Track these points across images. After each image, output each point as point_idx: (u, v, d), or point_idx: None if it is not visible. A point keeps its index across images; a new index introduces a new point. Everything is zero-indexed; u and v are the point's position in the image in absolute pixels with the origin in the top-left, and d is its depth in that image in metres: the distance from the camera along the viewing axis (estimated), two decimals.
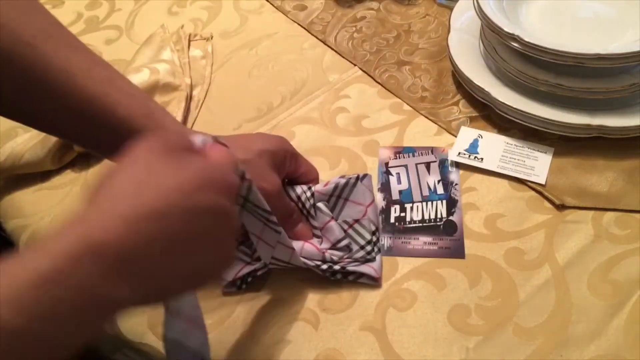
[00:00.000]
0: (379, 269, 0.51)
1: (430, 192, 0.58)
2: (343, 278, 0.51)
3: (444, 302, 0.50)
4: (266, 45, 0.76)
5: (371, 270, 0.51)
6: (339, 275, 0.51)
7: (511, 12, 0.62)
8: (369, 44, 0.74)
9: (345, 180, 0.53)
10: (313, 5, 0.81)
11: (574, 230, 0.53)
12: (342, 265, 0.51)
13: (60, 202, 0.62)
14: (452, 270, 0.52)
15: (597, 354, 0.46)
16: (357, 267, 0.51)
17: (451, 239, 0.54)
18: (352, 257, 0.52)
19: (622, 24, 0.61)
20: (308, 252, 0.51)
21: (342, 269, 0.51)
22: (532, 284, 0.50)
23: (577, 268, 0.51)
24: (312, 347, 0.48)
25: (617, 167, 0.57)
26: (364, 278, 0.51)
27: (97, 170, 0.65)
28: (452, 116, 0.64)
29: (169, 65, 0.70)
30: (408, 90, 0.67)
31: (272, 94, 0.70)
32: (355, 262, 0.52)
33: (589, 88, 0.57)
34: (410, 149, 0.61)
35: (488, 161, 0.59)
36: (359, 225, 0.52)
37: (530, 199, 0.56)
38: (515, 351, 0.46)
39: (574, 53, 0.54)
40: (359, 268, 0.51)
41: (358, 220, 0.52)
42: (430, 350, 0.47)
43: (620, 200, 0.55)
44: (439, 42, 0.73)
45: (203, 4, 0.84)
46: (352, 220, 0.52)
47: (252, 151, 0.48)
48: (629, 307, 0.48)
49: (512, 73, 0.60)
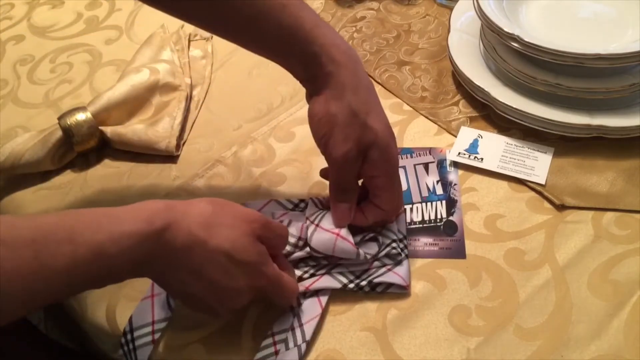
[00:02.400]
0: (406, 277, 0.50)
1: (430, 193, 0.58)
2: (371, 291, 0.50)
3: (445, 302, 0.50)
4: None
5: (399, 279, 0.50)
6: (367, 288, 0.50)
7: (511, 12, 0.63)
8: (369, 44, 0.74)
9: None
10: (313, 5, 0.81)
11: (574, 230, 0.53)
12: (369, 279, 0.50)
13: (60, 202, 0.62)
14: (452, 271, 0.52)
15: (598, 354, 0.46)
16: (384, 277, 0.50)
17: (452, 240, 0.54)
18: (381, 255, 0.51)
19: (622, 24, 0.61)
20: (342, 250, 0.49)
21: (369, 283, 0.50)
22: (532, 285, 0.50)
23: (577, 268, 0.51)
24: (313, 347, 0.48)
25: (617, 167, 0.57)
26: (393, 288, 0.50)
27: (97, 170, 0.65)
28: (452, 116, 0.64)
29: (169, 65, 0.70)
30: (408, 90, 0.67)
31: (272, 94, 0.70)
32: (382, 268, 0.50)
33: (589, 88, 0.57)
34: (408, 150, 0.61)
35: (488, 161, 0.59)
36: (385, 230, 0.52)
37: (530, 199, 0.56)
38: (515, 351, 0.46)
39: (574, 53, 0.54)
40: (386, 278, 0.50)
41: (384, 226, 0.52)
42: (431, 351, 0.47)
43: (620, 200, 0.55)
44: (439, 42, 0.73)
45: None
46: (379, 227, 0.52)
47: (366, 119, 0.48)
48: (629, 307, 0.48)
49: (512, 73, 0.60)
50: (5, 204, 0.63)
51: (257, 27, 0.48)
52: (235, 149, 0.64)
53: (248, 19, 0.48)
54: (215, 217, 0.43)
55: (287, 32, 0.48)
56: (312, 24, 0.48)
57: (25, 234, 0.37)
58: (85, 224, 0.39)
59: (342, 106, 0.47)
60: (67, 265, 0.37)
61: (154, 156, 0.64)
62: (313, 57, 0.48)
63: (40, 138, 0.63)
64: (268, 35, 0.49)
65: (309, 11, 0.49)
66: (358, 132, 0.47)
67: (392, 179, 0.50)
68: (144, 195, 0.61)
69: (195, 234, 0.42)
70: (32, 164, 0.63)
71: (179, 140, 0.65)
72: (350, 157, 0.47)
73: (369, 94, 0.49)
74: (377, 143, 0.48)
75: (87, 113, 0.63)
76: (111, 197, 0.62)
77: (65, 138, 0.62)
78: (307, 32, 0.48)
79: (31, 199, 0.63)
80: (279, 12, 0.48)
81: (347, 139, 0.47)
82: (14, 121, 0.71)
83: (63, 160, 0.64)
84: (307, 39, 0.48)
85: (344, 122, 0.47)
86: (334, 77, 0.48)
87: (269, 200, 0.56)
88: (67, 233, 0.38)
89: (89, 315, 0.53)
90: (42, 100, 0.73)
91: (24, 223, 0.38)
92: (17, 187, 0.64)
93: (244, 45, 0.53)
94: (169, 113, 0.66)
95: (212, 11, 0.49)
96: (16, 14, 0.88)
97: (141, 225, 0.40)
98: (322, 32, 0.48)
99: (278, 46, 0.50)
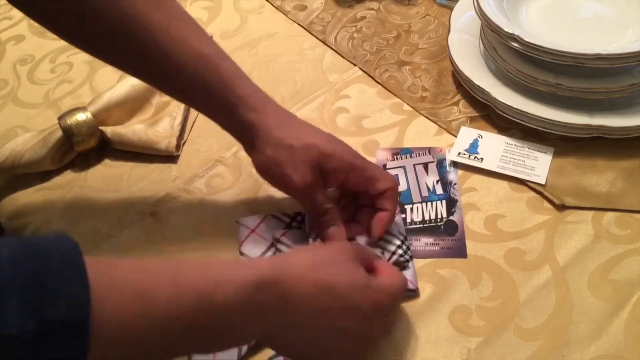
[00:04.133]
0: (414, 279, 0.50)
1: (430, 193, 0.58)
2: None
3: (445, 303, 0.50)
4: (266, 45, 0.76)
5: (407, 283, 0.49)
6: None
7: (511, 12, 0.62)
8: (369, 44, 0.74)
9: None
10: (313, 5, 0.81)
11: (574, 230, 0.53)
12: None
13: (60, 202, 0.62)
14: (452, 271, 0.52)
15: (598, 354, 0.46)
16: None
17: (452, 239, 0.54)
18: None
19: (622, 24, 0.61)
20: None
21: None
22: (532, 285, 0.50)
23: (577, 268, 0.51)
24: None
25: (617, 167, 0.57)
26: None
27: (97, 170, 0.65)
28: (452, 116, 0.64)
29: None
30: (408, 90, 0.67)
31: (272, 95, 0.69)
32: None
33: (589, 88, 0.57)
34: (408, 150, 0.61)
35: (488, 161, 0.59)
36: (387, 234, 0.52)
37: (530, 199, 0.56)
38: (516, 352, 0.46)
39: (574, 53, 0.54)
40: None
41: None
42: (432, 352, 0.47)
43: (620, 200, 0.55)
44: (439, 42, 0.73)
45: (203, 4, 0.84)
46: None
47: (302, 140, 0.50)
48: (629, 307, 0.48)
49: (512, 73, 0.60)
50: (5, 204, 0.63)
51: (178, 78, 0.50)
52: (235, 149, 0.64)
53: (169, 68, 0.50)
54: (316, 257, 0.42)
55: (207, 83, 0.50)
56: (230, 74, 0.50)
57: (128, 276, 0.34)
58: (189, 269, 0.37)
59: (276, 145, 0.50)
60: (169, 310, 0.34)
61: (154, 156, 0.64)
62: (232, 108, 0.50)
63: (40, 138, 0.63)
64: (189, 85, 0.50)
65: (228, 62, 0.51)
66: (301, 156, 0.49)
67: (361, 168, 0.51)
68: (144, 195, 0.61)
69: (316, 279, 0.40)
70: (32, 164, 0.63)
71: (179, 140, 0.65)
72: (308, 181, 0.49)
73: (294, 121, 0.52)
74: (324, 153, 0.50)
75: (87, 113, 0.63)
76: (111, 197, 0.62)
77: (65, 138, 0.62)
78: (224, 82, 0.49)
79: (31, 199, 0.63)
80: (197, 63, 0.49)
81: (296, 167, 0.49)
82: (14, 121, 0.71)
83: (63, 160, 0.64)
84: (225, 90, 0.49)
85: (285, 157, 0.49)
86: (257, 124, 0.50)
87: (265, 216, 0.56)
88: (171, 277, 0.36)
89: None
90: (42, 100, 0.73)
91: (126, 264, 0.35)
92: (17, 187, 0.64)
93: (172, 95, 0.56)
94: (169, 113, 0.66)
95: (136, 60, 0.51)
96: (16, 14, 0.88)
97: (250, 271, 0.38)
98: (240, 83, 0.50)
99: (200, 96, 0.51)
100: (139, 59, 0.50)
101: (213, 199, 0.60)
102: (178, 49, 0.49)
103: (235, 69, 0.51)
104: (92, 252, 0.57)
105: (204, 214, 0.59)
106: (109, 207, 0.61)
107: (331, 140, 0.51)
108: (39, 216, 0.61)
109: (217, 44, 0.52)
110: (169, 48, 0.48)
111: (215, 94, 0.50)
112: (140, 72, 0.53)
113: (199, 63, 0.49)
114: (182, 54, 0.49)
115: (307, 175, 0.49)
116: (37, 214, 0.61)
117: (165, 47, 0.48)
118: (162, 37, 0.48)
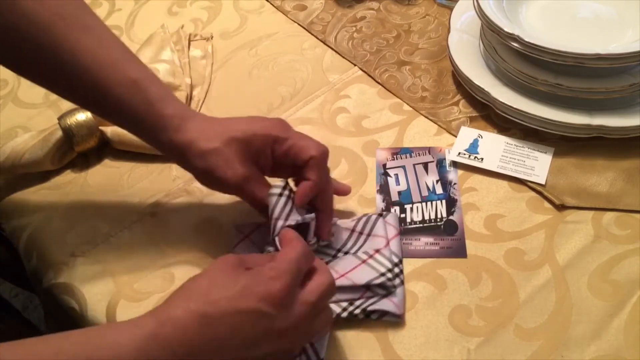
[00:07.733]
0: (400, 305, 0.49)
1: (430, 192, 0.58)
2: (366, 317, 0.49)
3: (445, 303, 0.50)
4: (266, 45, 0.76)
5: (392, 307, 0.48)
6: (361, 315, 0.49)
7: (511, 12, 0.63)
8: (369, 44, 0.74)
9: (367, 218, 0.54)
10: (313, 5, 0.81)
11: (574, 230, 0.53)
12: (361, 307, 0.49)
13: (60, 202, 0.62)
14: (452, 271, 0.52)
15: (598, 355, 0.46)
16: (378, 304, 0.49)
17: (452, 239, 0.54)
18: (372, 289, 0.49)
19: (622, 24, 0.61)
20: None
21: (363, 311, 0.49)
22: (532, 285, 0.50)
23: (577, 268, 0.51)
24: None
25: (617, 167, 0.57)
26: (387, 316, 0.49)
27: (97, 170, 0.65)
28: (452, 116, 0.64)
29: (169, 65, 0.70)
30: (408, 90, 0.67)
31: (272, 94, 0.70)
32: (375, 297, 0.49)
33: (589, 88, 0.57)
34: (407, 149, 0.61)
35: (488, 161, 0.59)
36: (379, 255, 0.51)
37: (530, 199, 0.56)
38: (516, 352, 0.46)
39: (574, 53, 0.54)
40: (380, 306, 0.49)
41: (379, 250, 0.51)
42: (432, 352, 0.47)
43: (620, 200, 0.55)
44: (439, 42, 0.73)
45: (203, 4, 0.84)
46: (373, 250, 0.51)
47: (221, 139, 0.49)
48: (629, 307, 0.48)
49: (512, 73, 0.60)
50: (5, 204, 0.63)
51: (105, 102, 0.50)
52: None
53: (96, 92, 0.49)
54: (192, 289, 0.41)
55: (134, 107, 0.49)
56: (157, 97, 0.50)
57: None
58: (71, 342, 0.37)
59: (203, 155, 0.49)
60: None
61: (154, 156, 0.64)
62: (158, 130, 0.50)
63: (40, 138, 0.63)
64: (117, 110, 0.50)
65: (157, 86, 0.51)
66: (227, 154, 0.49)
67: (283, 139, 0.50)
68: (144, 195, 0.61)
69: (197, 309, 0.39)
70: (32, 164, 0.63)
71: None
72: (240, 175, 0.49)
73: (216, 125, 0.52)
74: (243, 140, 0.49)
75: (87, 113, 0.63)
76: (111, 197, 0.62)
77: (66, 138, 0.62)
78: (150, 105, 0.49)
79: (31, 199, 0.63)
80: (126, 87, 0.49)
81: (226, 167, 0.49)
82: (14, 121, 0.71)
83: (63, 160, 0.64)
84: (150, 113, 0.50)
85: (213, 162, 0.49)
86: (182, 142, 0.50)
87: (259, 225, 0.55)
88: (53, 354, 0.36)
89: (89, 315, 0.53)
90: (42, 100, 0.73)
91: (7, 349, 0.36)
92: (17, 187, 0.64)
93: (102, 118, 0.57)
94: None
95: (66, 84, 0.51)
96: None
97: (132, 331, 0.38)
98: (165, 105, 0.50)
99: (127, 120, 0.51)
100: (69, 83, 0.50)
101: (213, 199, 0.60)
102: (106, 73, 0.49)
103: (163, 90, 0.51)
104: (92, 252, 0.57)
105: (204, 214, 0.59)
106: (109, 207, 0.61)
107: (251, 122, 0.51)
108: (39, 216, 0.61)
109: (147, 68, 0.52)
110: (97, 72, 0.49)
111: (142, 116, 0.50)
112: (69, 94, 0.53)
113: (127, 87, 0.49)
114: (109, 78, 0.49)
115: (237, 170, 0.49)
116: (37, 214, 0.61)
117: (93, 71, 0.49)
118: (89, 61, 0.48)
